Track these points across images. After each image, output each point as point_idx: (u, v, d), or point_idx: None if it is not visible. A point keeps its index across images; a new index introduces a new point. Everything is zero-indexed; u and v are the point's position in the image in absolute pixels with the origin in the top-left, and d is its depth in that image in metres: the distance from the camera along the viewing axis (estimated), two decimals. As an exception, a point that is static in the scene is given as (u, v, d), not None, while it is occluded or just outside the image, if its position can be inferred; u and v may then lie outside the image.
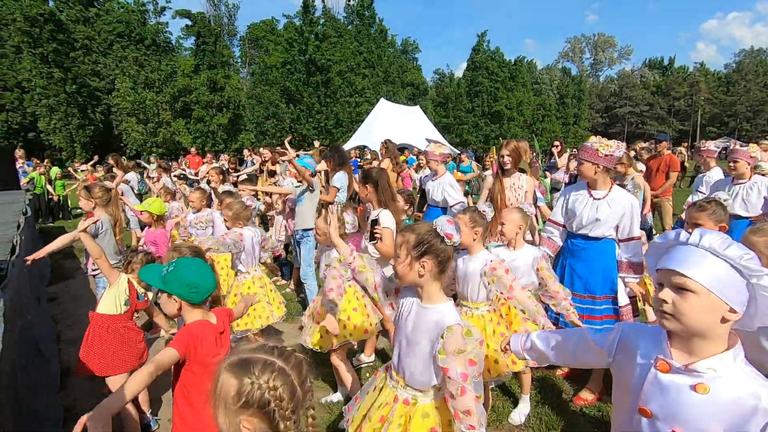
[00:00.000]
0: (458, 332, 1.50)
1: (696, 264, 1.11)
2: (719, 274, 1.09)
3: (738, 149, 4.14)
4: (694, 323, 1.11)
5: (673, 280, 1.14)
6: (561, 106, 46.86)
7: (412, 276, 1.63)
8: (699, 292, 1.09)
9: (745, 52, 57.93)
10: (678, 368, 1.15)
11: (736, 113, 53.27)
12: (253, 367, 1.03)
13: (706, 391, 1.10)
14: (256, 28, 43.79)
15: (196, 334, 1.75)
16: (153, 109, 29.69)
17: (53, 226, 10.93)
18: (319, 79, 32.48)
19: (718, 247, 1.09)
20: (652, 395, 1.21)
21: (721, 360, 1.11)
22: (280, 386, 1.02)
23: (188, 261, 1.87)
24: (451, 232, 1.62)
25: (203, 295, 1.81)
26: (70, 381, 3.57)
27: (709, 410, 1.10)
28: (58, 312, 5.07)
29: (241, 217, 3.53)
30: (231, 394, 1.03)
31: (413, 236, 1.63)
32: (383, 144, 7.43)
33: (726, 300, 1.08)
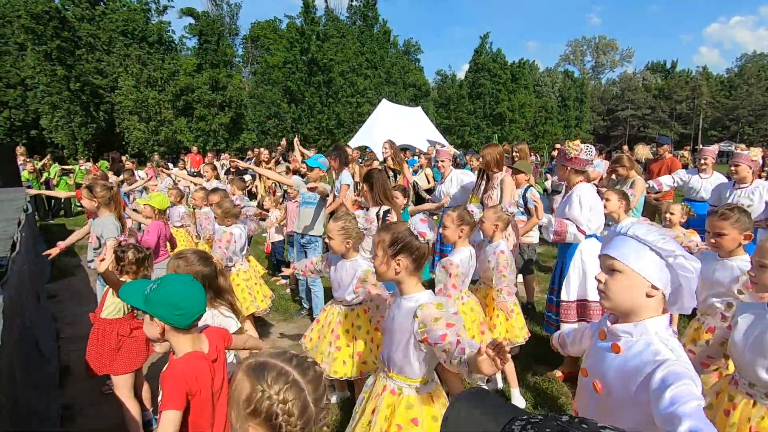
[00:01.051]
0: (430, 306, 1.62)
1: (622, 248, 1.30)
2: (641, 255, 1.26)
3: (740, 153, 4.14)
4: (622, 299, 1.29)
5: (605, 262, 1.34)
6: (563, 108, 46.89)
7: (390, 273, 1.73)
8: (624, 271, 1.28)
9: (748, 57, 57.89)
10: (607, 332, 1.35)
11: (738, 117, 53.21)
12: (267, 374, 0.99)
13: (619, 351, 1.29)
14: (259, 28, 43.86)
15: (188, 377, 1.51)
16: (155, 107, 29.76)
17: (54, 223, 10.94)
18: (321, 79, 32.54)
19: (641, 234, 1.27)
20: (589, 357, 1.45)
21: (636, 326, 1.27)
22: (291, 400, 0.98)
23: (176, 278, 1.63)
24: (425, 230, 1.71)
25: (190, 318, 1.57)
26: (69, 379, 3.58)
27: (618, 366, 1.28)
28: (58, 310, 5.07)
29: (231, 214, 3.60)
30: (242, 398, 1.00)
31: (388, 235, 1.73)
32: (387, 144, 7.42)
33: (647, 277, 1.25)
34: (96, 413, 3.12)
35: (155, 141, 30.24)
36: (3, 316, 1.96)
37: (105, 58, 30.49)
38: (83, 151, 28.43)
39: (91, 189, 3.71)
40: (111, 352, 2.65)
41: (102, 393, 3.33)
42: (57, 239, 8.93)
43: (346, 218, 2.75)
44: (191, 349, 1.60)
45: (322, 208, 4.47)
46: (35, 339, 3.41)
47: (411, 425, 1.70)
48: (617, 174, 5.08)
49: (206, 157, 12.36)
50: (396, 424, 1.70)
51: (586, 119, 50.40)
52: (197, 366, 1.57)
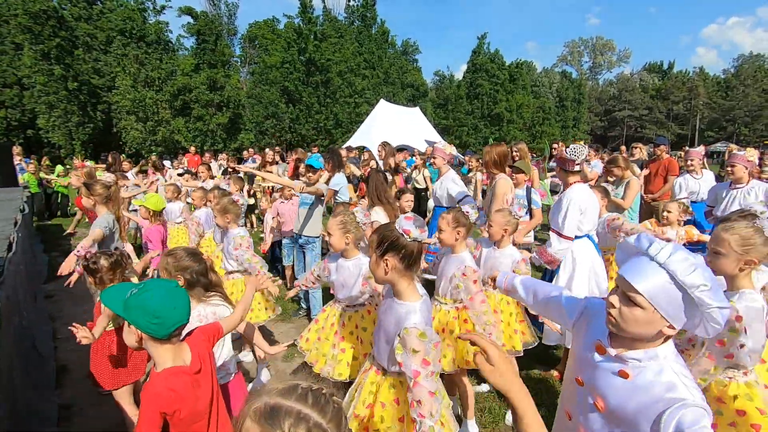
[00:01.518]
0: (414, 334, 1.59)
1: (651, 282, 1.13)
2: (669, 296, 1.12)
3: (736, 154, 4.16)
4: (633, 331, 1.19)
5: (625, 289, 1.19)
6: (560, 109, 47.00)
7: (380, 273, 1.73)
8: (645, 308, 1.14)
9: (744, 58, 58.15)
10: (610, 355, 1.26)
11: (735, 118, 53.46)
12: (284, 420, 0.84)
13: (628, 377, 1.21)
14: (256, 28, 43.79)
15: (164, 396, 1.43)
16: (152, 107, 29.68)
17: (51, 223, 10.90)
18: (319, 79, 32.51)
19: (680, 272, 1.09)
20: (586, 369, 1.34)
21: (646, 353, 1.20)
22: None
23: (157, 285, 1.51)
24: (409, 227, 1.70)
25: (168, 329, 1.47)
26: (67, 379, 3.57)
27: (626, 392, 1.20)
28: (55, 310, 5.06)
29: (230, 211, 3.49)
30: None
31: (375, 236, 1.75)
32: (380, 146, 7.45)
33: (668, 318, 1.14)
34: (95, 413, 3.12)
35: (153, 141, 30.13)
36: (0, 316, 1.95)
37: (102, 57, 30.38)
38: (80, 151, 28.32)
39: (89, 187, 3.72)
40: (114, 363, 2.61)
41: (100, 393, 3.32)
42: (54, 239, 8.92)
43: (344, 213, 2.76)
44: (171, 362, 1.51)
45: (317, 208, 4.49)
46: (32, 339, 3.40)
47: (393, 404, 1.78)
48: (613, 174, 5.10)
49: (203, 157, 12.31)
50: (380, 401, 1.79)
51: (583, 120, 50.51)
52: (176, 383, 1.47)
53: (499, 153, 4.01)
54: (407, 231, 1.69)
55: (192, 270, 2.16)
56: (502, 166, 4.05)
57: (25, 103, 29.04)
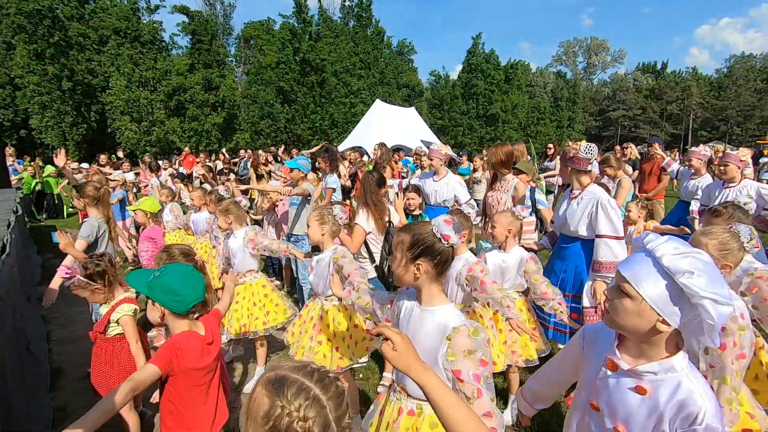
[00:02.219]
0: (465, 332, 1.41)
1: (638, 270, 1.13)
2: (657, 284, 1.09)
3: (728, 153, 4.19)
4: (624, 323, 1.16)
5: (617, 280, 1.18)
6: (555, 109, 47.20)
7: (408, 278, 1.56)
8: (633, 297, 1.12)
9: (736, 58, 58.66)
10: (623, 369, 1.20)
11: (728, 118, 53.93)
12: (288, 389, 0.93)
13: (646, 393, 1.15)
14: (252, 28, 43.67)
15: (178, 347, 1.68)
16: (147, 107, 29.52)
17: (44, 225, 10.82)
18: (314, 79, 32.47)
19: (666, 258, 1.07)
20: (601, 392, 1.26)
21: (661, 365, 1.14)
22: (312, 417, 0.91)
23: (176, 268, 1.76)
24: (449, 233, 1.54)
25: (187, 305, 1.71)
26: (60, 381, 3.54)
27: (647, 410, 1.14)
28: (49, 312, 5.01)
29: (231, 212, 3.45)
30: (260, 413, 0.93)
31: (408, 237, 1.55)
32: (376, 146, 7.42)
33: (658, 310, 1.09)
34: (88, 415, 3.10)
35: (147, 141, 30.00)
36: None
37: (96, 57, 30.19)
38: (74, 152, 28.12)
39: (79, 189, 3.71)
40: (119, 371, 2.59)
41: (95, 395, 3.30)
42: (47, 240, 8.84)
43: (322, 208, 2.88)
44: (188, 328, 1.76)
45: (305, 207, 4.57)
46: (26, 341, 3.37)
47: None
48: (605, 174, 5.14)
49: (198, 158, 12.23)
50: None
51: (578, 120, 50.76)
52: (189, 342, 1.72)
53: (505, 152, 3.95)
54: (447, 237, 1.53)
55: None
56: (509, 165, 4.01)
57: (17, 103, 28.79)
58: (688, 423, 1.07)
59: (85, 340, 4.06)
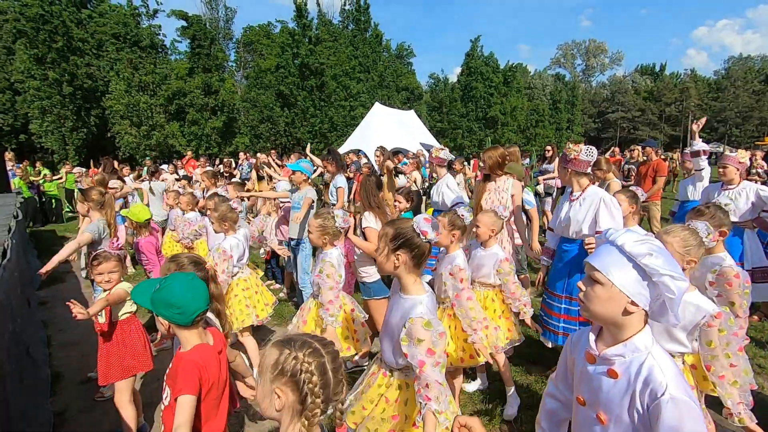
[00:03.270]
0: (419, 323, 1.63)
1: (605, 259, 1.24)
2: (623, 269, 1.20)
3: (727, 155, 4.20)
4: (598, 310, 1.25)
5: (587, 271, 1.29)
6: (554, 111, 47.31)
7: (389, 266, 1.78)
8: (604, 283, 1.22)
9: (734, 59, 58.86)
10: (598, 357, 1.28)
11: (726, 119, 54.06)
12: (294, 342, 1.17)
13: (617, 376, 1.22)
14: (252, 32, 43.80)
15: (200, 365, 1.65)
16: (147, 111, 29.57)
17: (44, 229, 10.82)
18: (314, 82, 32.56)
19: (629, 246, 1.20)
20: (583, 384, 1.35)
21: (626, 346, 1.22)
22: (313, 362, 1.13)
23: (176, 279, 1.70)
24: (427, 229, 1.75)
25: (190, 316, 1.66)
26: (60, 385, 3.54)
27: (619, 393, 1.22)
28: (49, 316, 5.02)
29: (228, 218, 3.49)
30: (270, 363, 1.15)
31: (391, 230, 1.79)
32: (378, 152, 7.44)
33: (626, 293, 1.19)
34: (88, 420, 3.10)
35: (147, 145, 30.03)
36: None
37: (95, 62, 30.26)
38: (74, 156, 28.15)
39: (84, 193, 3.73)
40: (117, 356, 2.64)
41: (94, 400, 3.30)
42: (48, 245, 8.85)
43: (325, 217, 2.99)
44: (199, 341, 1.72)
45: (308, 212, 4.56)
46: (26, 345, 3.37)
47: (396, 403, 1.84)
48: (595, 176, 5.19)
49: (199, 161, 12.24)
50: (385, 396, 1.86)
51: (577, 122, 50.87)
52: (206, 356, 1.70)
53: (500, 155, 4.05)
54: (425, 233, 1.74)
55: None
56: (503, 167, 4.09)
57: (17, 108, 28.84)
58: (653, 397, 1.14)
59: (84, 344, 4.09)
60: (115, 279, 2.73)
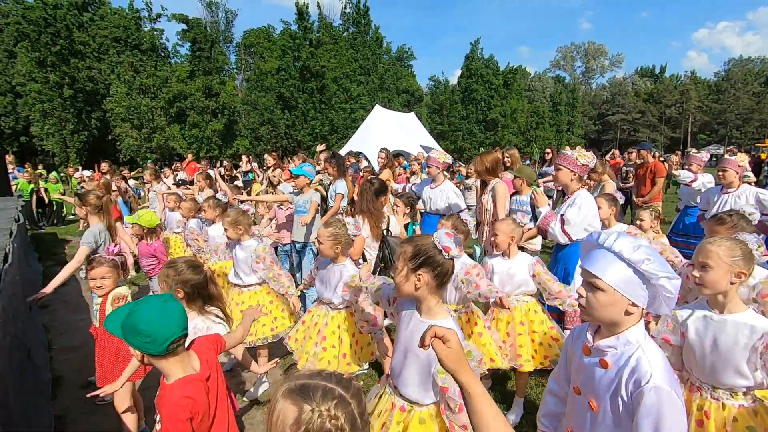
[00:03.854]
0: None
1: (605, 266, 1.28)
2: (624, 275, 1.26)
3: (727, 159, 4.22)
4: (601, 315, 1.30)
5: (588, 278, 1.33)
6: (554, 113, 47.33)
7: (408, 288, 1.60)
8: (606, 290, 1.27)
9: (734, 61, 58.90)
10: (592, 348, 1.35)
11: (726, 121, 54.06)
12: (314, 393, 0.96)
13: (608, 366, 1.30)
14: (253, 36, 43.89)
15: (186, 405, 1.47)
16: (148, 114, 29.64)
17: (45, 232, 10.83)
18: (314, 85, 32.61)
19: (626, 252, 1.24)
20: (578, 374, 1.42)
21: (618, 339, 1.29)
22: (341, 415, 0.95)
23: (146, 304, 1.51)
24: (449, 245, 1.58)
25: (161, 345, 1.46)
26: (61, 389, 3.54)
27: (609, 382, 1.29)
28: (50, 320, 5.02)
29: (241, 223, 3.38)
30: (289, 422, 0.94)
31: (410, 248, 1.61)
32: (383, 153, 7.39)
33: (628, 297, 1.26)
34: (88, 423, 3.10)
35: (148, 148, 30.09)
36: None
37: (96, 65, 30.37)
38: (75, 159, 28.20)
39: (82, 197, 3.71)
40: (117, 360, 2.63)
41: (96, 403, 3.30)
42: (48, 248, 8.85)
43: (336, 225, 2.84)
44: (182, 372, 1.54)
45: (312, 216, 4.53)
46: (27, 348, 3.38)
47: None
48: (590, 179, 5.22)
49: (200, 164, 12.26)
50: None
51: (577, 124, 50.90)
52: (192, 391, 1.51)
53: (491, 161, 4.08)
54: (447, 249, 1.58)
55: (191, 283, 2.16)
56: (495, 172, 4.12)
57: (19, 110, 28.93)
58: (637, 385, 1.20)
59: (85, 348, 4.08)
60: (108, 285, 2.66)
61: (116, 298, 2.64)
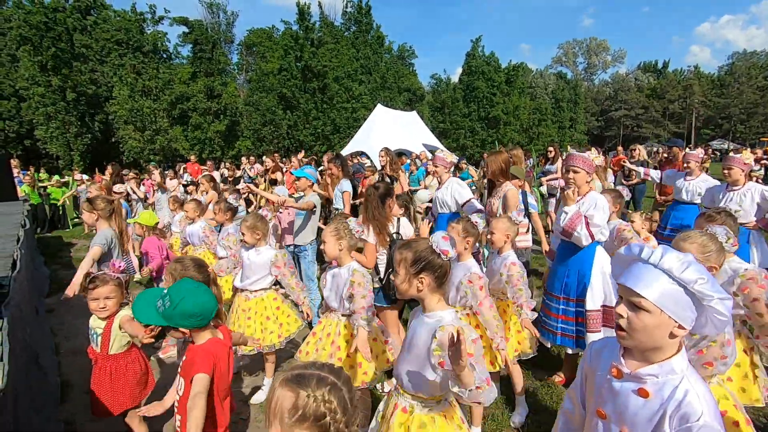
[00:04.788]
0: (450, 330, 1.54)
1: (651, 284, 1.16)
2: (672, 295, 1.15)
3: (732, 156, 4.20)
4: (646, 338, 1.19)
5: (629, 297, 1.20)
6: (557, 110, 47.14)
7: (412, 291, 1.71)
8: (652, 311, 1.16)
9: (738, 55, 58.45)
10: (627, 374, 1.24)
11: (730, 115, 53.68)
12: (309, 381, 1.10)
13: (648, 395, 1.19)
14: (255, 36, 43.88)
15: (213, 352, 1.79)
16: (150, 116, 29.75)
17: (51, 236, 10.90)
18: (316, 85, 32.61)
19: (676, 270, 1.14)
20: (607, 398, 1.30)
21: (662, 367, 1.19)
22: (335, 400, 1.08)
23: (185, 291, 1.77)
24: (447, 248, 1.68)
25: (209, 319, 1.83)
26: (69, 394, 3.56)
27: (649, 412, 1.18)
28: (57, 323, 5.05)
29: (259, 228, 3.36)
30: (287, 408, 1.07)
31: (410, 253, 1.70)
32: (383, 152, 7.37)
33: (676, 318, 1.15)
34: (97, 429, 3.11)
35: (151, 150, 30.20)
36: (8, 339, 1.97)
37: (99, 68, 30.50)
38: (78, 162, 28.36)
39: (92, 202, 3.73)
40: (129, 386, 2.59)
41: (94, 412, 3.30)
42: (54, 252, 8.90)
43: (338, 222, 2.81)
44: (211, 335, 1.87)
45: (310, 218, 4.54)
46: (36, 353, 3.40)
47: None
48: None
49: (204, 165, 12.30)
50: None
51: (580, 120, 50.67)
52: (218, 348, 1.86)
53: (504, 160, 4.01)
54: (445, 252, 1.68)
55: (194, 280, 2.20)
56: (507, 173, 4.05)
57: (22, 114, 29.10)
58: (685, 420, 1.11)
59: (93, 353, 4.11)
60: (111, 306, 2.52)
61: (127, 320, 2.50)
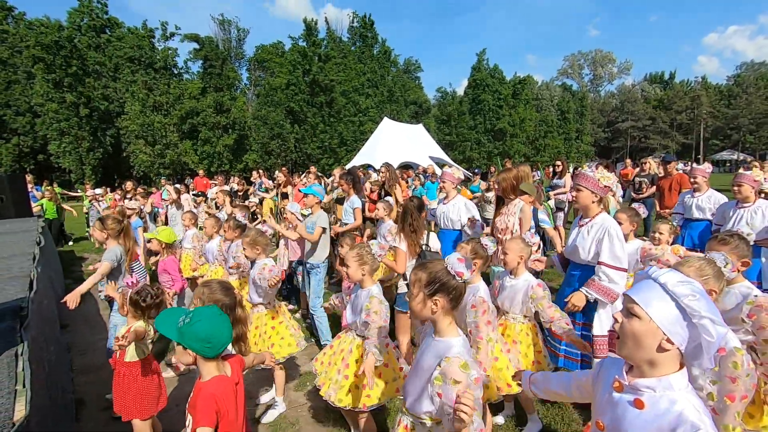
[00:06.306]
0: (455, 363, 1.55)
1: (645, 293, 1.26)
2: (663, 305, 1.22)
3: (742, 173, 4.18)
4: (634, 346, 1.26)
5: (626, 304, 1.30)
6: (563, 122, 47.18)
7: (426, 313, 1.70)
8: (642, 318, 1.23)
9: (746, 65, 58.29)
10: (626, 386, 1.30)
11: (739, 126, 53.29)
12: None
13: (643, 406, 1.24)
14: (264, 52, 44.60)
15: (216, 396, 1.73)
16: (161, 131, 30.26)
17: (63, 250, 11.03)
18: (323, 99, 33.03)
19: (671, 284, 1.22)
20: (606, 410, 1.36)
21: (660, 381, 1.23)
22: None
23: (205, 313, 1.79)
24: (462, 270, 1.67)
25: (217, 350, 1.77)
26: (82, 412, 3.59)
27: (643, 425, 1.23)
28: (71, 339, 5.09)
29: (259, 243, 3.42)
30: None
31: (425, 275, 1.69)
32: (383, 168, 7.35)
33: (664, 330, 1.20)
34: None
35: (161, 164, 30.66)
36: (29, 364, 2.01)
37: (111, 84, 31.21)
38: (90, 176, 28.86)
39: (102, 221, 3.82)
40: (135, 395, 2.66)
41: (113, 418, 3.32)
42: (67, 266, 8.99)
43: (360, 246, 2.82)
44: (217, 372, 1.79)
45: (323, 236, 4.57)
46: (54, 374, 3.44)
47: None
48: None
49: (213, 179, 12.46)
50: None
51: (586, 132, 50.63)
52: (223, 387, 1.77)
53: (516, 177, 3.97)
54: (460, 274, 1.66)
55: (222, 304, 2.23)
56: (517, 190, 4.03)
57: (36, 130, 29.78)
58: None
59: (106, 369, 4.13)
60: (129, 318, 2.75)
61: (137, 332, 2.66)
